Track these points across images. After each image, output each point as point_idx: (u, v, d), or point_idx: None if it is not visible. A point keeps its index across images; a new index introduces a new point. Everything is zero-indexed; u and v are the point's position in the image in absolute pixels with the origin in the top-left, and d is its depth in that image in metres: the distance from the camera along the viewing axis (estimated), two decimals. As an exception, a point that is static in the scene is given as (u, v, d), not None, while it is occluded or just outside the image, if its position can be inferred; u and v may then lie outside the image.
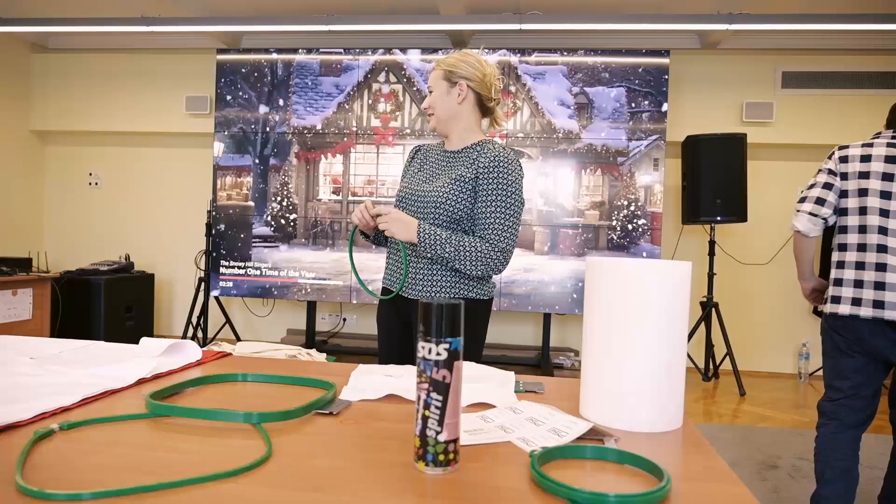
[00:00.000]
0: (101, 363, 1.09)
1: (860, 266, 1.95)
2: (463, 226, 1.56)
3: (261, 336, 4.99)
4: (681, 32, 4.34)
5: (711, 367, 4.29)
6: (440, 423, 0.66)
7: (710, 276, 4.20)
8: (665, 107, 4.10)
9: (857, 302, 1.94)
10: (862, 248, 1.95)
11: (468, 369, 1.13)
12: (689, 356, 4.12)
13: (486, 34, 4.43)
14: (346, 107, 4.32)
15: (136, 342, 1.26)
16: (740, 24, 3.80)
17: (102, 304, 4.09)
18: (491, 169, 1.53)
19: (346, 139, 4.33)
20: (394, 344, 1.60)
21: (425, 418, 0.66)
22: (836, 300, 1.99)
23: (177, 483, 0.60)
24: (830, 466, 1.98)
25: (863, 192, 1.95)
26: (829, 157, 2.08)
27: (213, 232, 4.44)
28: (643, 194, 4.14)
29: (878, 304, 1.89)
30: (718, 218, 4.04)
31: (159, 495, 0.59)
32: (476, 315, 1.55)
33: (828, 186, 2.02)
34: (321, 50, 4.34)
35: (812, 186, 2.06)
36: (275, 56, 4.36)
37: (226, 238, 4.44)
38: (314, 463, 0.69)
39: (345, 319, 4.92)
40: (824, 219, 2.02)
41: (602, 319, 0.87)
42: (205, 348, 1.30)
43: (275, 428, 0.80)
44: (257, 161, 4.41)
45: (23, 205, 5.10)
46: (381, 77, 4.28)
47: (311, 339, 4.53)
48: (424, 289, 1.54)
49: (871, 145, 2.00)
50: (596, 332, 0.88)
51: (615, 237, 4.15)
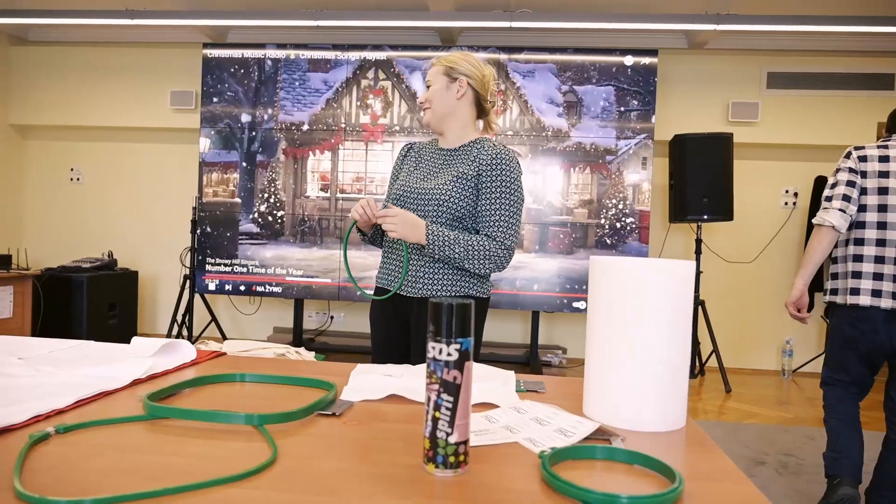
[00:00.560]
0: (93, 363, 1.07)
1: (879, 260, 2.03)
2: (465, 223, 1.55)
3: (247, 334, 4.94)
4: (668, 32, 4.36)
5: (698, 364, 4.33)
6: (451, 424, 0.65)
7: (697, 274, 4.24)
8: (653, 106, 4.13)
9: (877, 293, 2.02)
10: (882, 243, 2.03)
11: (468, 368, 1.12)
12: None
13: (476, 31, 4.42)
14: (335, 103, 4.29)
15: (120, 340, 1.23)
16: (727, 25, 3.84)
17: (85, 301, 4.02)
18: (493, 167, 1.53)
19: (334, 136, 4.30)
20: (391, 343, 1.58)
21: (435, 419, 0.65)
22: (856, 292, 2.06)
23: (182, 488, 0.59)
24: (841, 422, 2.12)
25: (882, 191, 2.04)
26: (847, 157, 2.14)
27: (199, 229, 4.39)
28: (631, 193, 4.16)
29: (895, 296, 1.99)
30: (705, 216, 4.07)
31: (164, 501, 0.57)
32: (476, 313, 1.55)
33: (851, 184, 2.09)
34: (310, 45, 4.30)
35: (835, 185, 2.12)
36: (262, 51, 4.31)
37: (212, 235, 4.39)
38: (321, 466, 0.67)
39: (332, 317, 4.89)
40: (851, 214, 2.08)
41: (606, 319, 0.87)
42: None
43: (277, 430, 0.79)
44: (244, 157, 4.36)
45: (2, 200, 5.00)
46: (371, 74, 4.26)
47: (298, 337, 4.49)
48: (424, 287, 1.53)
49: (886, 147, 2.10)
50: (599, 331, 0.88)
51: (604, 235, 4.17)
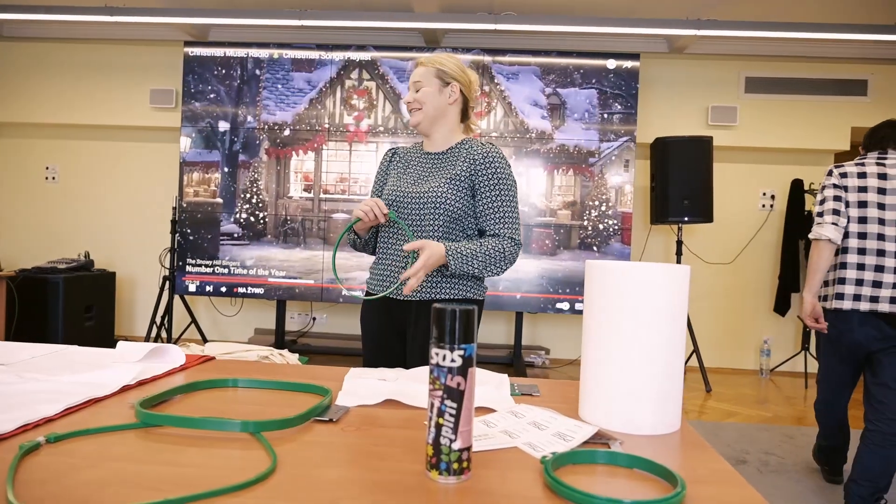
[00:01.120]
0: (79, 369, 1.04)
1: (861, 267, 2.20)
2: (462, 223, 1.56)
3: (227, 336, 4.88)
4: (650, 37, 4.41)
5: (678, 364, 4.38)
6: (455, 430, 0.65)
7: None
8: (635, 109, 4.17)
9: (857, 298, 2.19)
10: (862, 251, 2.21)
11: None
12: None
13: (460, 33, 4.42)
14: (319, 103, 4.26)
15: (97, 343, 1.21)
16: (708, 30, 3.89)
17: (61, 303, 3.93)
18: (487, 165, 1.55)
19: (317, 136, 4.27)
20: (384, 347, 1.57)
21: (439, 426, 0.65)
22: (840, 297, 2.23)
23: (184, 499, 0.58)
24: (829, 415, 2.42)
25: (862, 204, 2.22)
26: (830, 175, 2.31)
27: (180, 230, 4.32)
28: (614, 195, 4.20)
29: (874, 299, 2.16)
30: (686, 218, 4.12)
31: (165, 512, 0.56)
32: None
33: (837, 199, 2.26)
34: (294, 45, 4.26)
35: (824, 201, 2.29)
36: (245, 50, 4.26)
37: (192, 236, 4.32)
38: (323, 474, 0.67)
39: (314, 318, 4.86)
40: (843, 226, 2.25)
41: (602, 322, 0.87)
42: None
43: (273, 437, 0.78)
44: (226, 157, 4.31)
45: (-27, 200, 4.87)
46: (355, 74, 4.23)
47: (280, 338, 4.45)
48: (422, 291, 1.52)
49: (863, 164, 2.27)
50: (596, 335, 0.88)
51: (587, 237, 4.20)
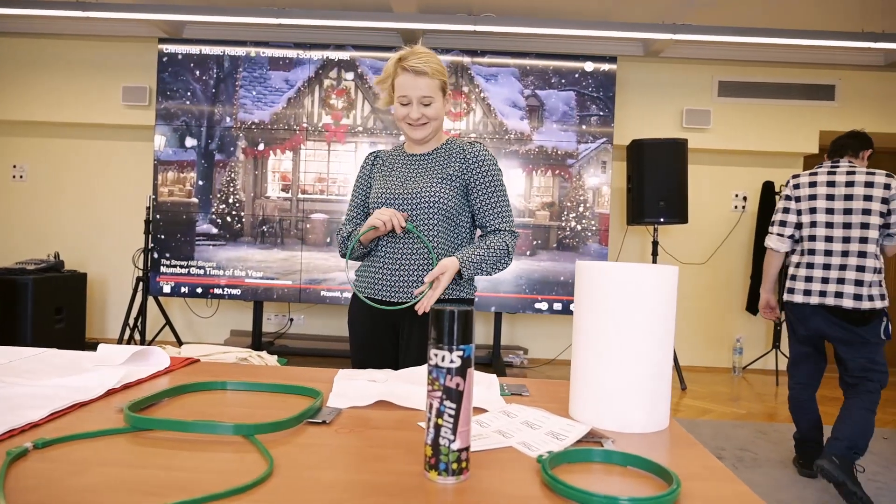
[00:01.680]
0: (61, 373, 1.02)
1: (810, 266, 2.49)
2: (455, 221, 1.58)
3: (202, 338, 4.80)
4: (626, 40, 4.47)
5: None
6: (454, 431, 0.65)
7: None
8: (612, 111, 4.22)
9: (807, 293, 2.49)
10: (812, 252, 2.50)
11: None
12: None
13: (439, 34, 4.42)
14: (297, 102, 4.22)
15: (68, 346, 1.19)
16: (683, 35, 3.96)
17: (30, 305, 3.82)
18: (480, 164, 1.58)
19: (295, 136, 4.23)
20: (374, 349, 1.57)
21: (438, 427, 0.65)
22: (792, 291, 2.54)
23: (184, 503, 0.57)
24: (802, 414, 2.63)
25: (812, 210, 2.50)
26: (786, 185, 2.62)
27: (153, 229, 4.24)
28: (591, 196, 4.25)
29: (822, 294, 2.45)
30: (662, 219, 4.19)
31: (164, 517, 0.55)
32: None
33: (786, 211, 2.58)
34: (271, 43, 4.22)
35: (776, 212, 2.63)
36: (221, 48, 4.20)
37: (167, 235, 4.25)
38: (321, 476, 0.66)
39: (292, 320, 4.81)
40: (789, 237, 2.57)
41: (593, 323, 0.89)
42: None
43: (266, 439, 0.77)
44: (201, 156, 4.24)
45: (-64, 198, 4.71)
46: (333, 73, 4.21)
47: (257, 340, 4.40)
48: (413, 292, 1.53)
49: (815, 174, 2.54)
50: (587, 335, 0.90)
51: (564, 237, 4.24)
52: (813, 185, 2.50)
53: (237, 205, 4.24)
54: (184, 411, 0.88)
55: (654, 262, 4.35)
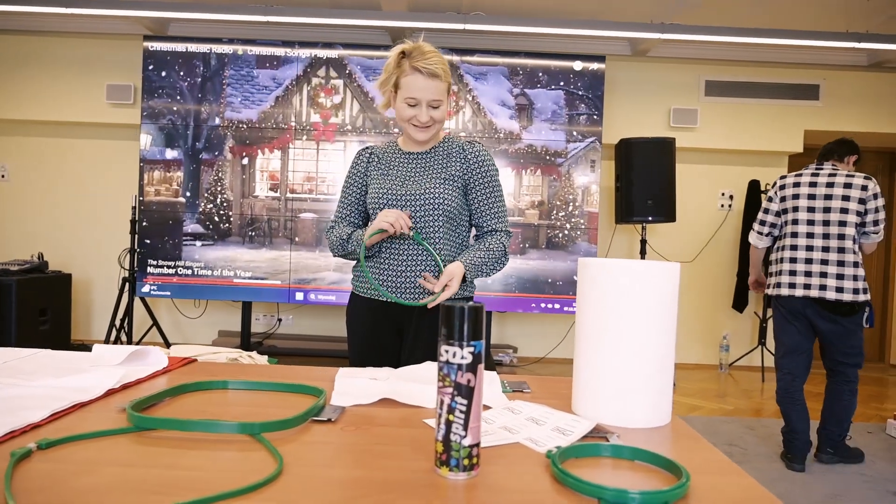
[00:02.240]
0: (58, 373, 1.00)
1: (793, 261, 2.68)
2: (456, 221, 1.57)
3: (190, 339, 4.76)
4: (614, 40, 4.50)
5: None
6: (465, 427, 0.65)
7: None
8: (601, 110, 4.25)
9: (792, 286, 2.67)
10: (794, 248, 2.69)
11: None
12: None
13: (428, 32, 4.42)
14: (285, 101, 4.19)
15: (52, 347, 1.17)
16: (671, 34, 4.00)
17: (14, 306, 3.76)
18: (481, 164, 1.58)
19: (284, 134, 4.20)
20: (376, 346, 1.55)
21: (449, 423, 0.65)
22: (779, 285, 2.71)
23: (196, 502, 0.56)
24: (790, 404, 2.69)
25: (795, 209, 2.70)
26: (773, 186, 2.82)
27: (139, 229, 4.19)
28: (580, 195, 4.27)
29: (806, 287, 2.64)
30: (650, 218, 4.22)
31: (177, 516, 0.55)
32: None
33: (766, 211, 2.81)
34: (258, 41, 4.18)
35: (759, 212, 2.84)
36: (208, 45, 4.16)
37: (153, 238, 4.20)
38: (331, 474, 0.66)
39: (280, 320, 4.78)
40: (768, 234, 2.80)
41: (596, 319, 0.89)
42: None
43: (273, 438, 0.77)
44: (188, 155, 4.20)
45: (-85, 198, 4.61)
46: (322, 72, 4.18)
47: (246, 340, 4.36)
48: (421, 293, 1.52)
49: (801, 175, 2.73)
50: (590, 330, 0.90)
51: (554, 236, 4.25)
52: (797, 185, 2.70)
53: (225, 204, 4.20)
54: (186, 411, 0.88)
55: (643, 259, 4.38)
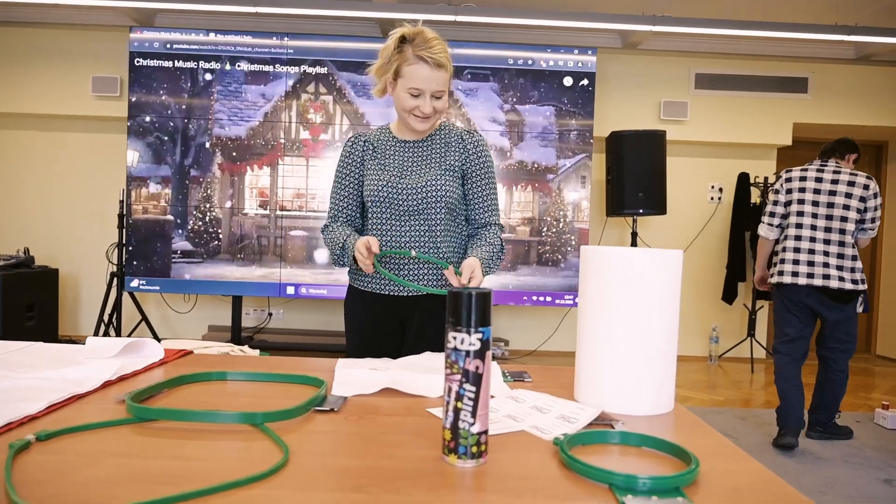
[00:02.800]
0: (52, 366, 0.98)
1: (796, 251, 2.82)
2: (456, 212, 1.53)
3: (179, 334, 4.71)
4: (605, 32, 4.50)
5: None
6: (473, 414, 0.64)
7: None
8: (592, 102, 4.25)
9: (795, 274, 2.80)
10: (798, 238, 2.82)
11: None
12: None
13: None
14: (273, 117, 4.13)
15: (40, 342, 1.15)
16: (662, 26, 4.00)
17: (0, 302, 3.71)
18: (479, 154, 1.54)
19: (273, 150, 4.15)
20: (375, 338, 1.53)
21: (457, 410, 0.65)
22: (782, 273, 2.84)
23: (203, 491, 0.55)
24: (787, 383, 2.83)
25: (800, 202, 2.84)
26: (778, 179, 2.95)
27: (127, 223, 4.14)
28: (571, 211, 4.28)
29: (810, 276, 2.77)
30: (641, 210, 4.23)
31: (184, 506, 0.54)
32: None
33: (775, 203, 2.93)
34: (246, 58, 4.12)
35: (767, 204, 2.99)
36: (195, 62, 4.09)
37: (139, 259, 4.17)
38: (338, 462, 0.65)
39: (271, 314, 4.75)
40: (778, 225, 2.92)
41: (599, 307, 0.89)
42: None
43: (276, 427, 0.76)
44: (177, 164, 4.13)
45: None
46: (311, 87, 4.13)
47: (236, 335, 4.33)
48: (426, 285, 1.50)
49: (806, 170, 2.87)
50: (593, 319, 0.90)
51: (544, 252, 4.26)
52: (803, 179, 2.84)
53: (214, 222, 4.16)
54: (185, 402, 0.86)
55: (634, 252, 4.40)
